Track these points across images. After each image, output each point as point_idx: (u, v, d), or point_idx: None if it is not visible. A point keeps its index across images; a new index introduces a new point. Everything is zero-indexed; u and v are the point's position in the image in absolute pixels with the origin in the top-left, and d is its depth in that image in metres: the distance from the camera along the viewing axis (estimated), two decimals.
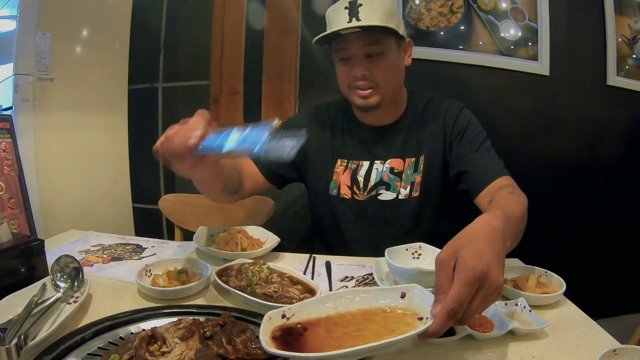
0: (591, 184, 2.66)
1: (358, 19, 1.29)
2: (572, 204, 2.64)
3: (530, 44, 2.51)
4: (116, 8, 2.52)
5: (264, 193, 1.77)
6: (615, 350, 0.76)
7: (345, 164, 1.52)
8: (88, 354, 0.80)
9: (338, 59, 1.43)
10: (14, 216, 1.41)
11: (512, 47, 2.50)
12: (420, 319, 0.73)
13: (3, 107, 2.20)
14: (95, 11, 2.37)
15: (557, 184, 2.60)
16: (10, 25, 2.15)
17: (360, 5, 1.31)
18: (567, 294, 1.10)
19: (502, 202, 1.16)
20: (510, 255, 1.07)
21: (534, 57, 2.52)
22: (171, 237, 2.22)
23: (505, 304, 0.98)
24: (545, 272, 1.16)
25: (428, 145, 1.48)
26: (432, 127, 1.49)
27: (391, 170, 1.49)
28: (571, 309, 1.06)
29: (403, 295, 0.78)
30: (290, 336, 0.72)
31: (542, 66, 2.52)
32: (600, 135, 2.64)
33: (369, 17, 1.29)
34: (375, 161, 1.50)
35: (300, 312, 0.77)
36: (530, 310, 0.96)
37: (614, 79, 2.59)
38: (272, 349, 0.66)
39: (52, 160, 2.18)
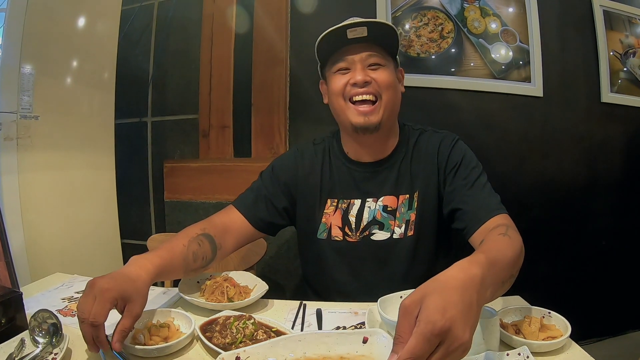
0: (590, 205, 2.65)
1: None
2: (572, 225, 2.61)
3: (521, 63, 2.52)
4: (102, 42, 2.49)
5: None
6: None
7: (335, 204, 1.45)
8: None
9: (335, 72, 1.38)
10: None
11: (504, 70, 2.49)
12: None
13: None
14: (80, 46, 2.33)
15: (555, 206, 2.58)
16: None
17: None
18: (573, 317, 1.05)
19: (492, 244, 1.07)
20: (510, 291, 1.02)
21: (527, 79, 2.52)
22: None
23: (508, 354, 0.92)
24: (549, 312, 1.11)
25: (422, 181, 1.41)
26: (426, 161, 1.42)
27: (384, 208, 1.41)
28: (577, 354, 1.00)
29: (365, 340, 0.76)
30: None
31: (535, 88, 2.52)
32: (597, 154, 2.64)
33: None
34: (367, 199, 1.43)
35: (255, 355, 0.75)
36: None
37: (607, 96, 2.61)
38: None
39: (37, 200, 2.13)
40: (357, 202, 1.44)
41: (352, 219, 1.43)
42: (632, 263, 2.66)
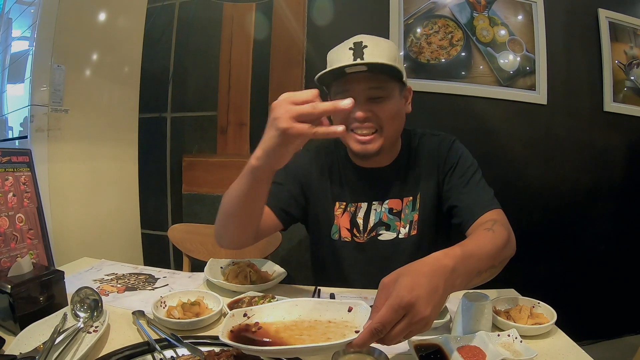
0: (590, 211, 2.70)
1: (363, 59, 1.26)
2: (571, 230, 2.67)
3: (527, 70, 2.58)
4: (128, 39, 2.58)
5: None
6: None
7: (343, 207, 1.53)
8: None
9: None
10: (33, 247, 1.47)
11: (510, 77, 2.56)
12: (357, 332, 0.82)
13: (18, 136, 2.28)
14: (107, 43, 2.44)
15: (555, 211, 2.64)
16: (24, 45, 2.25)
17: (366, 47, 1.28)
18: (570, 318, 1.16)
19: (473, 239, 1.14)
20: (506, 284, 1.10)
21: (532, 87, 2.59)
22: (179, 264, 2.26)
23: (498, 335, 1.04)
24: (539, 303, 1.22)
25: (423, 183, 1.49)
26: (427, 164, 1.50)
27: (390, 210, 1.50)
28: (561, 338, 1.11)
29: (350, 309, 0.88)
30: (245, 332, 0.85)
31: (539, 95, 2.58)
32: (598, 162, 2.69)
33: (374, 58, 1.27)
34: (374, 202, 1.51)
35: (260, 313, 0.90)
36: (521, 341, 1.01)
37: (610, 105, 2.66)
38: (225, 339, 0.80)
39: (65, 189, 2.22)
40: (364, 205, 1.52)
41: (360, 221, 1.52)
42: (630, 268, 2.72)
